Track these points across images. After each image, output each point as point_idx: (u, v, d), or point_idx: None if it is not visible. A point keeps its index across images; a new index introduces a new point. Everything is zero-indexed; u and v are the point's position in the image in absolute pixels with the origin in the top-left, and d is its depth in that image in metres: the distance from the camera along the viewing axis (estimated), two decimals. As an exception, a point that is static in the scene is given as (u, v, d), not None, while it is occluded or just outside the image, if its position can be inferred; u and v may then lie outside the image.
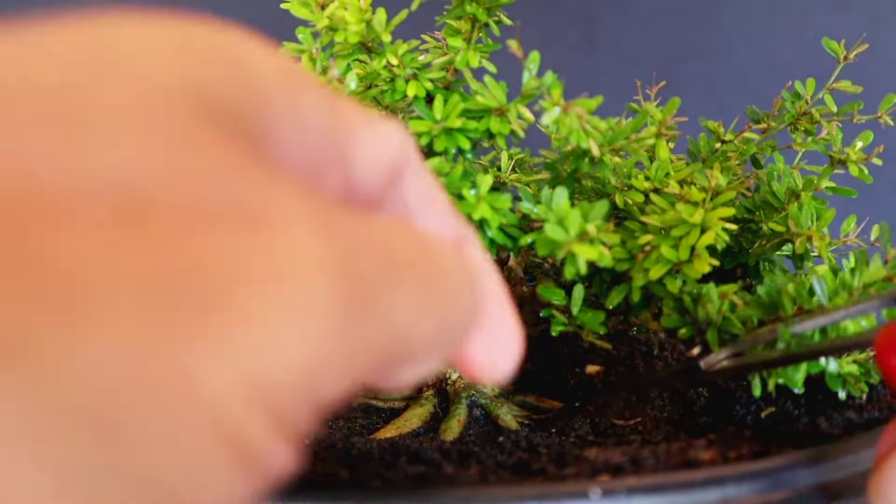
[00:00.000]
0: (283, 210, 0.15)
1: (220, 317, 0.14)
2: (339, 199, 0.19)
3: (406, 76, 0.39)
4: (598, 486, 0.26)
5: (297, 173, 0.19)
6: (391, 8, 0.39)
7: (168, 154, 0.15)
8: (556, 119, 0.36)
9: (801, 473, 0.28)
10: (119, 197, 0.14)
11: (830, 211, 0.40)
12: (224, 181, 0.15)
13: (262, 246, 0.15)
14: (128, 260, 0.13)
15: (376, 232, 0.17)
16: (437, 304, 0.18)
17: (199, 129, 0.15)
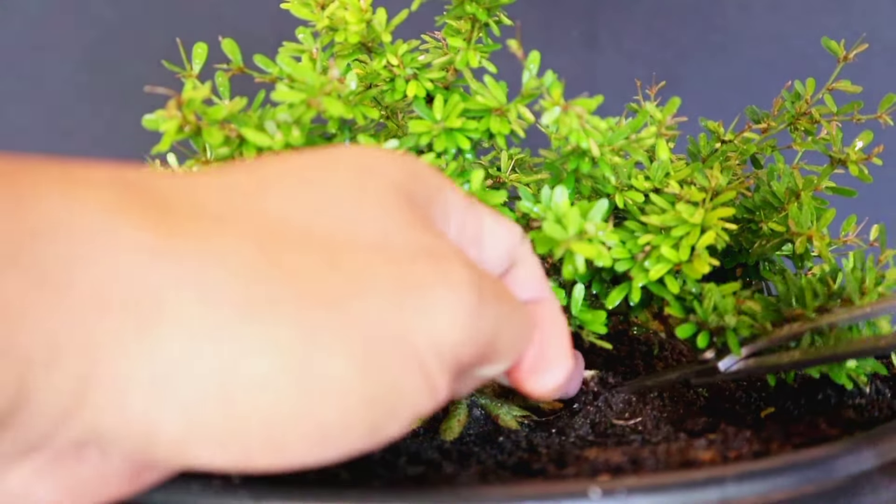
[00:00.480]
0: (448, 252, 0.27)
1: (428, 304, 0.25)
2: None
3: (406, 76, 0.39)
4: (598, 486, 0.26)
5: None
6: (391, 8, 0.39)
7: (388, 219, 0.27)
8: (556, 119, 0.36)
9: (801, 473, 0.28)
10: (379, 239, 0.26)
11: (831, 211, 0.40)
12: (418, 234, 0.27)
13: (442, 269, 0.26)
14: (374, 269, 0.25)
15: (487, 275, 0.28)
16: (513, 324, 0.29)
17: (405, 206, 0.28)
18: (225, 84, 0.39)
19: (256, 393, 0.22)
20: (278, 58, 0.37)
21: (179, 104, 0.33)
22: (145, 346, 0.21)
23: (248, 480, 0.28)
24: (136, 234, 0.22)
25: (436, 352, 0.25)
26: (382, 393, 0.24)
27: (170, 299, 0.22)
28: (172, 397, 0.22)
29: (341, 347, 0.23)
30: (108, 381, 0.21)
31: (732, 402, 0.39)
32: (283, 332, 0.22)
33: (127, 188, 0.23)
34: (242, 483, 0.27)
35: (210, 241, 0.23)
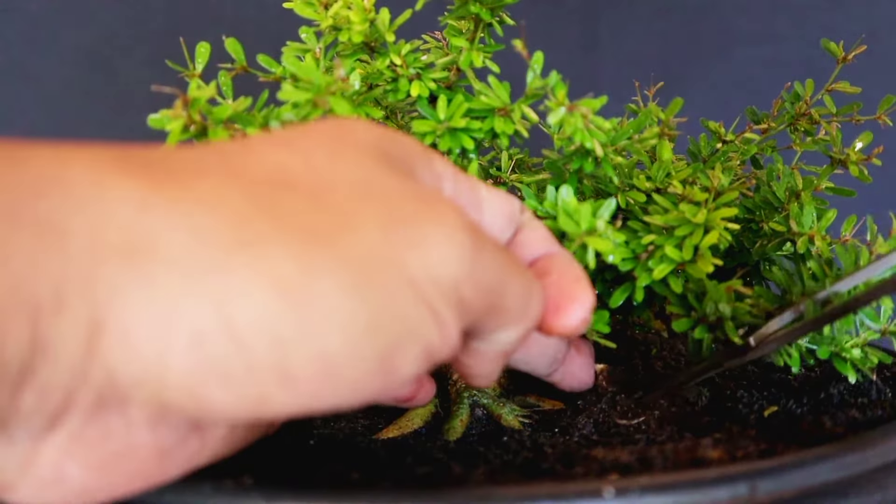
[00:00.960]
0: (438, 197, 0.28)
1: (420, 237, 0.26)
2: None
3: (409, 76, 0.39)
4: (611, 486, 0.26)
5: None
6: (394, 8, 0.39)
7: (369, 169, 0.27)
8: (561, 119, 0.36)
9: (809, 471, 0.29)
10: (361, 185, 0.27)
11: (831, 211, 0.41)
12: (402, 181, 0.28)
13: (436, 208, 0.27)
14: (360, 207, 0.26)
15: (484, 230, 0.29)
16: (521, 282, 0.30)
17: (384, 161, 0.28)
18: (228, 84, 0.39)
19: (257, 323, 0.23)
20: (283, 57, 0.37)
21: (186, 103, 0.33)
22: (144, 287, 0.22)
23: (260, 481, 0.28)
24: (124, 186, 0.23)
25: (433, 283, 0.25)
26: (384, 318, 0.24)
27: (163, 242, 0.23)
28: (176, 334, 0.22)
29: (336, 274, 0.24)
30: (113, 323, 0.22)
31: (735, 402, 0.39)
32: (277, 264, 0.23)
33: (113, 153, 0.25)
34: (254, 484, 0.27)
35: (196, 189, 0.24)
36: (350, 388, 0.24)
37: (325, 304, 0.23)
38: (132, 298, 0.22)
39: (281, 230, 0.24)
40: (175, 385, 0.23)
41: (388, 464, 0.31)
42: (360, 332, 0.24)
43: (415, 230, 0.26)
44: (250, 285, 0.23)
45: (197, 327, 0.22)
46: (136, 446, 0.25)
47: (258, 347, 0.23)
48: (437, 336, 0.26)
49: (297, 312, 0.23)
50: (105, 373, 0.23)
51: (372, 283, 0.24)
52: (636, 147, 0.38)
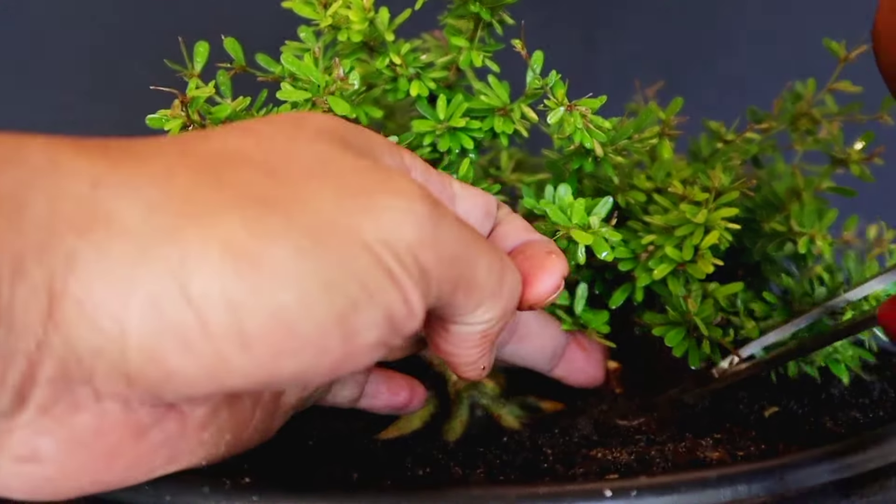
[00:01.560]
0: (394, 170, 0.28)
1: (373, 204, 0.26)
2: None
3: (409, 76, 0.39)
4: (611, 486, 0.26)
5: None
6: (393, 7, 0.39)
7: (324, 149, 0.28)
8: (560, 118, 0.36)
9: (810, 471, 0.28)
10: (316, 163, 0.27)
11: (832, 211, 0.40)
12: (358, 158, 0.28)
13: (392, 180, 0.27)
14: (313, 178, 0.26)
15: (446, 205, 0.29)
16: (491, 258, 0.30)
17: (344, 147, 0.29)
18: (227, 83, 0.39)
19: (211, 286, 0.23)
20: (282, 56, 0.36)
21: (184, 103, 0.33)
22: (100, 257, 0.23)
23: (259, 482, 0.28)
24: (79, 163, 0.24)
25: (388, 247, 0.26)
26: (339, 279, 0.25)
27: (116, 214, 0.24)
28: (133, 301, 0.23)
29: (286, 238, 0.24)
30: (71, 292, 0.23)
31: (735, 402, 0.39)
32: (228, 230, 0.24)
33: (72, 139, 0.25)
34: (253, 484, 0.27)
35: (149, 166, 0.25)
36: (310, 350, 0.25)
37: (277, 265, 0.24)
38: (89, 268, 0.23)
39: (232, 200, 0.25)
40: (134, 352, 0.23)
41: (387, 464, 0.31)
42: (315, 290, 0.24)
43: (368, 199, 0.26)
44: (202, 251, 0.23)
45: (152, 293, 0.23)
46: (108, 422, 0.25)
47: (213, 311, 0.23)
48: (398, 301, 0.26)
49: (249, 275, 0.24)
50: (65, 341, 0.23)
51: (324, 245, 0.25)
52: (636, 147, 0.38)
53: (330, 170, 0.27)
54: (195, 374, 0.24)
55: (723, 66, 0.72)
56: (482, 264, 0.29)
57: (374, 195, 0.26)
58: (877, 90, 0.43)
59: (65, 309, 0.23)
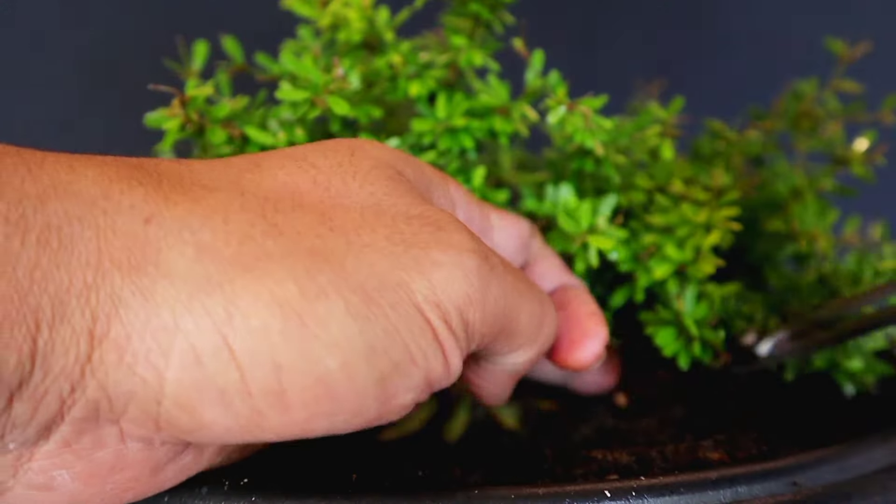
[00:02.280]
0: (448, 219, 0.27)
1: (426, 258, 0.25)
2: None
3: (408, 75, 0.38)
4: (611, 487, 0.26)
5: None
6: (392, 6, 0.39)
7: (380, 189, 0.27)
8: (561, 118, 0.35)
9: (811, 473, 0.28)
10: (370, 207, 0.27)
11: (834, 210, 0.40)
12: (413, 202, 0.27)
13: (445, 229, 0.26)
14: (367, 227, 0.26)
15: (495, 251, 0.29)
16: (533, 302, 0.29)
17: (397, 181, 0.28)
18: (226, 82, 0.39)
19: (255, 345, 0.23)
20: (282, 55, 0.36)
21: (183, 102, 0.33)
22: (145, 300, 0.22)
23: (258, 482, 0.28)
24: (133, 196, 0.24)
25: (439, 308, 0.25)
26: (385, 343, 0.24)
27: (166, 256, 0.23)
28: (173, 350, 0.22)
29: (338, 297, 0.24)
30: (112, 336, 0.22)
31: (736, 403, 0.39)
32: (279, 285, 0.23)
33: (125, 163, 0.25)
34: (252, 485, 0.27)
35: (204, 204, 0.24)
36: (346, 413, 0.24)
37: (326, 327, 0.23)
38: (132, 313, 0.22)
39: (286, 250, 0.24)
40: (169, 401, 0.23)
41: (387, 465, 0.31)
42: (360, 357, 0.24)
43: (423, 253, 0.25)
44: (250, 306, 0.23)
45: (194, 345, 0.22)
46: (128, 459, 0.25)
47: (256, 370, 0.23)
48: (440, 363, 0.26)
49: (295, 336, 0.23)
50: (100, 385, 0.23)
51: (375, 306, 0.24)
52: (637, 146, 0.38)
53: (384, 215, 0.26)
54: (227, 427, 0.24)
55: (723, 66, 0.72)
56: (524, 312, 0.29)
57: (427, 248, 0.26)
58: (877, 89, 0.43)
59: (104, 354, 0.22)
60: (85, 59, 0.76)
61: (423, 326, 0.25)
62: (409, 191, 0.28)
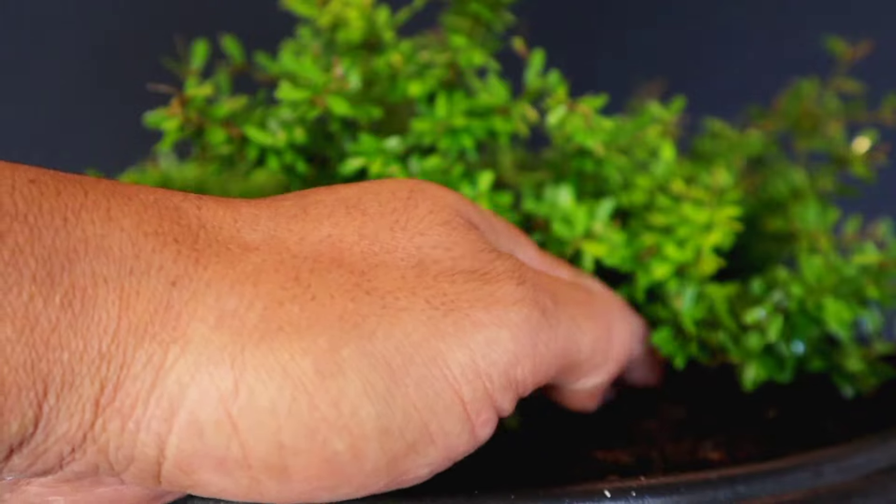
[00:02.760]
0: (501, 270, 0.26)
1: (467, 321, 0.24)
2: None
3: (409, 74, 0.38)
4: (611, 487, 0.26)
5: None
6: (393, 6, 0.39)
7: (432, 239, 0.26)
8: (561, 118, 0.35)
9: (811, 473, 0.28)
10: (415, 264, 0.25)
11: (834, 211, 0.40)
12: (464, 253, 0.26)
13: (487, 289, 0.25)
14: (406, 289, 0.24)
15: (546, 281, 0.28)
16: (589, 324, 0.28)
17: (455, 227, 0.27)
18: (225, 82, 0.39)
19: (258, 422, 0.22)
20: (281, 55, 0.36)
21: (183, 101, 0.33)
22: (154, 369, 0.22)
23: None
24: (162, 259, 0.23)
25: (476, 377, 0.24)
26: (400, 423, 0.23)
27: (184, 323, 0.22)
28: (176, 419, 0.22)
29: (355, 374, 0.23)
30: (117, 405, 0.22)
31: (736, 403, 0.39)
32: (293, 359, 0.22)
33: (167, 213, 0.24)
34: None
35: (236, 267, 0.23)
36: (350, 488, 0.24)
37: (337, 409, 0.22)
38: (139, 380, 0.22)
39: (313, 317, 0.23)
40: (169, 463, 0.23)
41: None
42: (371, 440, 0.23)
43: (464, 316, 0.24)
44: (259, 382, 0.22)
45: (198, 417, 0.22)
46: (127, 496, 0.25)
47: (259, 447, 0.22)
48: (465, 439, 0.25)
49: (304, 417, 0.22)
50: (100, 449, 0.23)
51: (397, 385, 0.23)
52: (638, 146, 0.38)
53: (426, 274, 0.25)
54: (225, 489, 0.23)
55: (723, 66, 0.72)
56: (586, 343, 0.28)
57: (470, 308, 0.24)
58: (877, 88, 0.43)
59: (107, 421, 0.22)
60: (85, 59, 0.76)
61: (451, 403, 0.24)
62: (463, 238, 0.26)
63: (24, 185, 0.22)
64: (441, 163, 0.36)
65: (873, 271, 0.33)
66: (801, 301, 0.35)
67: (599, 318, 0.29)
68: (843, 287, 0.34)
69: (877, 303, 0.35)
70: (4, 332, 0.20)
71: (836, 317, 0.34)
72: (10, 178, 0.22)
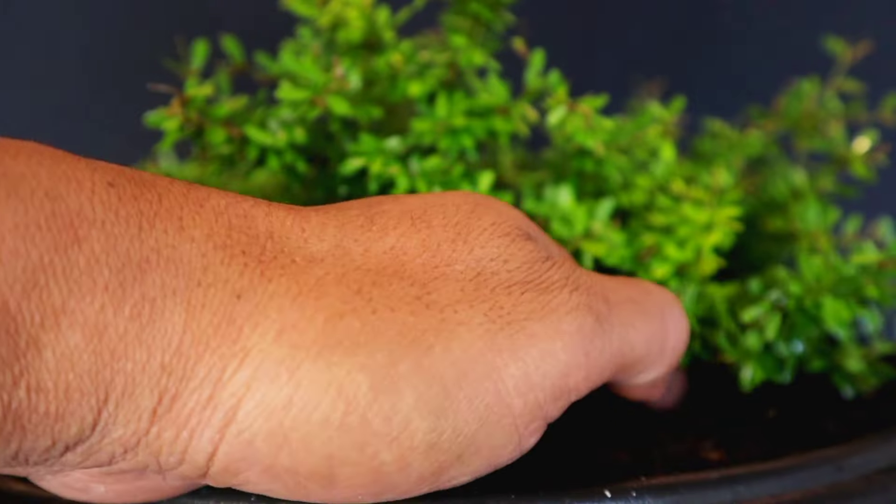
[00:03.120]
0: (556, 279, 0.26)
1: (519, 337, 0.24)
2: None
3: (409, 74, 0.38)
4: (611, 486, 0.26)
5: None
6: (393, 6, 0.39)
7: (492, 251, 0.26)
8: (561, 118, 0.35)
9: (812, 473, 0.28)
10: (473, 278, 0.25)
11: (834, 211, 0.40)
12: (530, 264, 0.26)
13: (545, 298, 0.25)
14: (464, 303, 0.24)
15: (599, 283, 0.28)
16: (642, 322, 0.28)
17: (514, 239, 0.27)
18: (226, 82, 0.39)
19: (309, 435, 0.22)
20: (281, 55, 0.36)
21: (183, 101, 0.33)
22: (211, 382, 0.22)
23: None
24: (229, 272, 0.23)
25: (529, 390, 0.24)
26: (448, 436, 0.23)
27: (246, 336, 0.22)
28: (229, 429, 0.22)
29: (410, 389, 0.23)
30: (173, 415, 0.22)
31: (736, 403, 0.39)
32: (349, 375, 0.22)
33: (236, 222, 0.24)
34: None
35: (300, 280, 0.23)
36: (394, 495, 0.24)
37: (388, 423, 0.23)
38: (196, 393, 0.22)
39: (373, 331, 0.23)
40: (217, 467, 0.23)
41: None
42: (419, 452, 0.23)
43: (519, 328, 0.24)
44: (313, 397, 0.22)
45: (250, 427, 0.22)
46: (166, 488, 0.25)
47: (307, 458, 0.23)
48: (510, 450, 0.25)
49: (355, 431, 0.22)
50: (152, 453, 0.23)
51: (449, 401, 0.23)
52: (638, 146, 0.38)
53: (485, 286, 0.25)
54: (271, 490, 0.24)
55: (723, 66, 0.72)
56: (640, 342, 0.28)
57: (526, 320, 0.25)
58: (877, 88, 0.43)
59: (161, 430, 0.22)
60: (85, 59, 0.76)
61: (502, 416, 0.24)
62: (520, 250, 0.27)
63: (104, 189, 0.22)
64: (441, 163, 0.36)
65: (872, 270, 0.33)
66: (799, 300, 0.35)
67: (653, 314, 0.29)
68: (841, 286, 0.34)
69: (876, 302, 0.35)
70: (74, 338, 0.21)
71: (835, 316, 0.34)
72: (90, 180, 0.22)
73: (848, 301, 0.34)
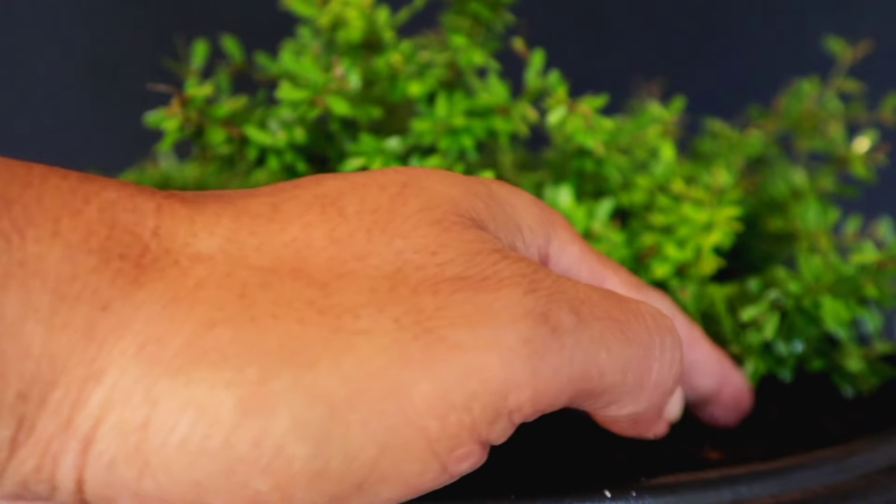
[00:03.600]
0: (503, 275, 0.22)
1: (437, 348, 0.20)
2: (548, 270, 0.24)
3: (409, 74, 0.38)
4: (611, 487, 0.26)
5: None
6: (393, 6, 0.39)
7: (418, 241, 0.22)
8: (561, 118, 0.35)
9: (811, 473, 0.28)
10: (388, 275, 0.21)
11: (834, 211, 0.40)
12: (468, 257, 0.22)
13: (483, 298, 0.21)
14: (374, 307, 0.21)
15: (573, 289, 0.23)
16: (620, 346, 0.23)
17: (451, 225, 0.23)
18: (225, 82, 0.39)
19: (171, 457, 0.20)
20: (281, 55, 0.36)
21: (183, 101, 0.33)
22: (71, 406, 0.20)
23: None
24: (99, 280, 0.20)
25: (448, 410, 0.20)
26: (338, 465, 0.20)
27: (106, 353, 0.20)
28: (90, 453, 0.21)
29: (285, 412, 0.20)
30: (32, 442, 0.20)
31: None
32: (212, 394, 0.20)
33: (122, 217, 0.22)
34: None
35: (175, 285, 0.21)
36: None
37: (257, 449, 0.20)
38: (54, 418, 0.20)
39: (246, 343, 0.20)
40: (90, 494, 0.21)
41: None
42: (301, 483, 0.20)
43: (438, 338, 0.21)
44: (171, 417, 0.20)
45: (109, 450, 0.20)
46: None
47: (170, 483, 0.20)
48: (430, 475, 0.21)
49: (219, 456, 0.20)
50: (20, 482, 0.21)
51: (342, 422, 0.20)
52: (638, 146, 0.38)
53: (403, 285, 0.21)
54: None
55: (723, 66, 0.72)
56: (612, 368, 0.23)
57: (450, 327, 0.21)
58: (877, 88, 0.43)
59: (23, 459, 0.20)
60: (85, 59, 0.76)
61: (410, 440, 0.20)
62: (456, 239, 0.23)
63: None
64: (441, 163, 0.36)
65: (872, 270, 0.33)
66: (798, 299, 0.35)
67: (636, 339, 0.24)
68: (841, 286, 0.34)
69: (876, 302, 0.35)
70: None
71: (834, 315, 0.34)
72: None
73: (847, 301, 0.34)
